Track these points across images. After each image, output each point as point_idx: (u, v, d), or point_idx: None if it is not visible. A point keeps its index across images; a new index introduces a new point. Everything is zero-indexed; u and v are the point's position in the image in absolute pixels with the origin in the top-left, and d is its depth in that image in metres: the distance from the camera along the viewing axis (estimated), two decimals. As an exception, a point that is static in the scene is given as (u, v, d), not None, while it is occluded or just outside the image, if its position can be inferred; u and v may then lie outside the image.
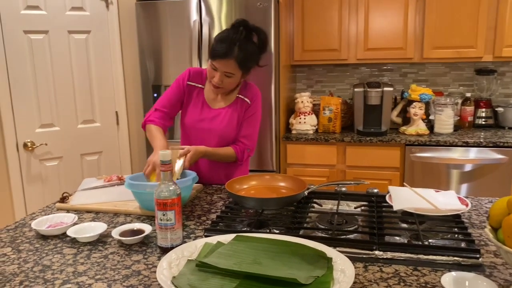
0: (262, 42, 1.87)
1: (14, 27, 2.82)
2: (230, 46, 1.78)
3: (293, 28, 3.38)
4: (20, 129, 2.93)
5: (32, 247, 1.40)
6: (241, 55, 1.79)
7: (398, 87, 3.58)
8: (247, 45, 1.82)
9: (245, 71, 1.88)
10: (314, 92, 3.76)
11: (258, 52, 1.88)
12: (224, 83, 1.86)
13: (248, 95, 2.00)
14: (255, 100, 2.00)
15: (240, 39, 1.79)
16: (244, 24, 1.82)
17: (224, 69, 1.82)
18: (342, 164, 3.21)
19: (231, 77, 1.85)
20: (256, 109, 2.01)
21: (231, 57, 1.79)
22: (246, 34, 1.82)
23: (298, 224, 1.48)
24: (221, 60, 1.80)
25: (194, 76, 2.02)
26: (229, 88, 1.92)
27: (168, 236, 1.33)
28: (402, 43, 3.20)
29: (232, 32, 1.81)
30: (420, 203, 1.53)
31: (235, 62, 1.80)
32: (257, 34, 1.85)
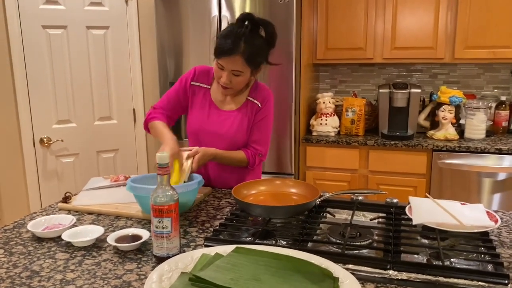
0: (270, 35, 1.74)
1: (32, 22, 2.80)
2: (236, 42, 1.65)
3: (316, 25, 3.25)
4: (37, 125, 2.92)
5: (25, 250, 1.34)
6: (248, 50, 1.67)
7: (427, 89, 3.39)
8: (254, 39, 1.69)
9: (254, 68, 1.75)
10: (338, 92, 3.62)
11: (267, 47, 1.75)
12: (232, 82, 1.74)
13: (258, 98, 1.87)
14: (266, 102, 1.87)
15: (246, 33, 1.67)
16: (249, 18, 1.70)
17: (231, 67, 1.69)
18: (365, 168, 3.05)
19: (239, 75, 1.72)
20: (268, 112, 1.88)
21: (237, 53, 1.66)
22: (252, 27, 1.70)
23: (307, 236, 1.36)
24: (227, 58, 1.68)
25: (200, 76, 1.90)
26: (238, 87, 1.80)
27: (164, 245, 1.24)
28: (432, 42, 3.02)
29: (237, 27, 1.69)
30: (443, 217, 1.39)
31: (242, 58, 1.67)
32: (264, 27, 1.72)
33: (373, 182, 3.03)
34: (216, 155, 1.78)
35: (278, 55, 2.83)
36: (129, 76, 3.19)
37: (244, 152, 1.86)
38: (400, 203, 1.64)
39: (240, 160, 1.86)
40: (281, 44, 2.82)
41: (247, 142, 1.89)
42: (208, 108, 1.88)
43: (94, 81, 3.06)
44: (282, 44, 2.83)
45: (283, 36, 2.82)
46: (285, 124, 2.92)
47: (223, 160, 1.83)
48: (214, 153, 1.77)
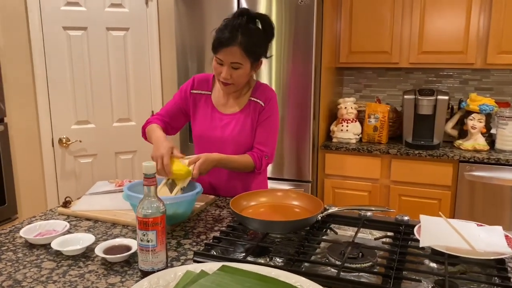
0: (267, 27, 1.70)
1: (54, 23, 2.83)
2: (233, 32, 1.62)
3: (339, 27, 3.13)
4: (56, 125, 2.94)
5: (14, 257, 1.31)
6: (246, 40, 1.62)
7: (457, 95, 3.21)
8: (251, 30, 1.65)
9: (254, 60, 1.69)
10: (362, 97, 3.48)
11: (265, 38, 1.71)
12: (233, 77, 1.68)
13: (261, 97, 1.80)
14: (270, 101, 1.80)
15: (242, 24, 1.63)
16: (245, 12, 1.67)
17: (230, 59, 1.64)
18: (386, 178, 2.91)
19: (239, 68, 1.67)
20: (272, 111, 1.80)
21: (235, 44, 1.62)
22: (248, 19, 1.66)
23: (303, 255, 1.27)
24: (225, 50, 1.63)
25: (199, 84, 1.86)
26: (239, 82, 1.73)
27: (149, 259, 1.18)
28: (463, 47, 2.84)
29: (233, 19, 1.66)
30: (455, 240, 1.27)
31: (240, 48, 1.62)
32: (260, 20, 1.68)
33: (395, 193, 2.88)
34: (220, 160, 1.71)
35: (297, 57, 2.76)
36: (148, 77, 3.17)
37: (250, 155, 1.79)
38: (412, 221, 1.52)
39: (246, 164, 1.78)
40: (300, 46, 2.74)
41: (252, 143, 1.82)
42: (211, 114, 1.83)
43: (113, 82, 3.06)
44: (302, 47, 2.74)
45: (302, 38, 2.73)
46: (304, 130, 2.82)
47: (228, 165, 1.75)
48: (218, 158, 1.70)
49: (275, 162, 2.91)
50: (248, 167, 1.79)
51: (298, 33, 2.73)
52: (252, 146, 1.82)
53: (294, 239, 1.40)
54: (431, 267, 1.25)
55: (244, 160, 1.77)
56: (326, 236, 1.44)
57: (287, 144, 2.87)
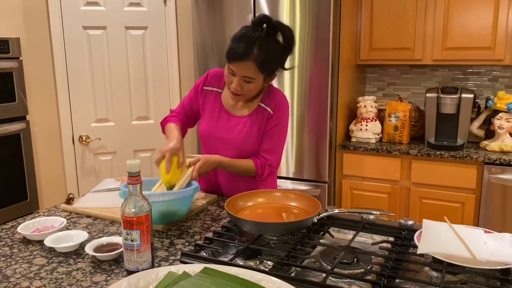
0: (288, 40, 1.59)
1: (74, 23, 2.88)
2: (248, 46, 1.52)
3: (360, 23, 3.03)
4: (76, 123, 3.00)
5: (9, 252, 1.33)
6: (261, 56, 1.54)
7: (486, 94, 3.04)
8: (269, 44, 1.55)
9: (267, 75, 1.62)
10: (386, 95, 3.36)
11: (282, 52, 1.61)
12: (243, 89, 1.62)
13: (270, 104, 1.73)
14: (279, 109, 1.72)
15: (260, 37, 1.53)
16: (266, 21, 1.56)
17: (243, 73, 1.57)
18: (407, 180, 2.80)
19: (251, 82, 1.60)
20: (280, 119, 1.73)
21: (250, 59, 1.53)
22: (268, 31, 1.56)
23: (293, 259, 1.22)
24: (238, 63, 1.56)
25: (212, 80, 1.80)
26: (250, 95, 1.67)
27: (133, 259, 1.16)
28: (490, 42, 2.69)
29: (251, 30, 1.56)
30: (455, 247, 1.18)
31: (254, 64, 1.54)
32: (282, 31, 1.57)
33: (415, 195, 2.76)
34: (220, 163, 1.68)
35: (314, 54, 2.69)
36: (167, 76, 3.18)
37: (253, 161, 1.74)
38: (417, 225, 1.44)
39: (248, 169, 1.74)
40: (317, 44, 2.67)
41: (257, 151, 1.77)
42: (218, 113, 1.78)
43: (132, 81, 3.09)
44: (319, 43, 2.67)
45: (319, 35, 2.66)
46: (322, 129, 2.75)
47: (229, 168, 1.72)
48: (218, 160, 1.67)
49: (292, 162, 2.85)
50: (249, 172, 1.75)
51: (314, 30, 2.66)
52: (255, 152, 1.77)
53: (289, 242, 1.35)
54: (430, 275, 1.17)
55: (245, 165, 1.73)
56: (322, 239, 1.38)
57: (304, 143, 2.80)
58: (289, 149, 2.84)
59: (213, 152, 1.76)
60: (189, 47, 3.19)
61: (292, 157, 2.85)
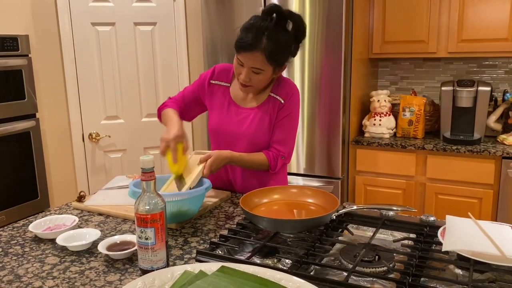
0: (298, 27, 1.55)
1: (82, 19, 2.86)
2: (257, 36, 1.49)
3: (372, 16, 2.97)
4: (86, 120, 2.98)
5: (20, 251, 1.30)
6: (270, 46, 1.50)
7: (502, 87, 2.97)
8: (278, 34, 1.51)
9: (277, 66, 1.58)
10: (399, 90, 3.30)
11: (294, 42, 1.57)
12: (252, 80, 1.58)
13: (281, 94, 1.69)
14: (290, 98, 1.69)
15: (269, 27, 1.50)
16: (276, 10, 1.52)
17: (251, 64, 1.54)
18: (422, 175, 2.74)
19: (259, 73, 1.56)
20: (292, 109, 1.69)
21: (258, 50, 1.50)
22: (278, 21, 1.52)
23: (312, 257, 1.18)
24: (246, 54, 1.53)
25: (219, 74, 1.77)
26: (259, 86, 1.63)
27: (148, 257, 1.13)
28: (508, 34, 2.62)
29: (260, 20, 1.52)
30: (483, 244, 1.13)
31: (263, 55, 1.51)
32: (291, 20, 1.53)
33: (431, 191, 2.71)
34: (232, 158, 1.63)
35: (325, 48, 2.64)
36: (176, 73, 3.15)
37: (265, 154, 1.69)
38: (439, 222, 1.39)
39: (260, 163, 1.69)
40: (329, 38, 2.62)
41: (269, 142, 1.72)
42: (227, 106, 1.74)
43: (142, 77, 3.06)
44: (331, 37, 2.61)
45: (331, 29, 2.60)
46: (334, 124, 2.70)
47: (241, 163, 1.67)
48: (230, 156, 1.62)
49: (304, 158, 2.80)
50: (262, 166, 1.70)
51: (326, 23, 2.61)
52: (267, 144, 1.73)
53: (307, 239, 1.31)
54: (456, 273, 1.12)
55: (258, 158, 1.69)
56: (341, 236, 1.34)
57: (316, 139, 2.76)
58: (300, 144, 2.79)
59: (224, 147, 1.72)
60: (198, 43, 3.15)
61: (303, 153, 2.80)
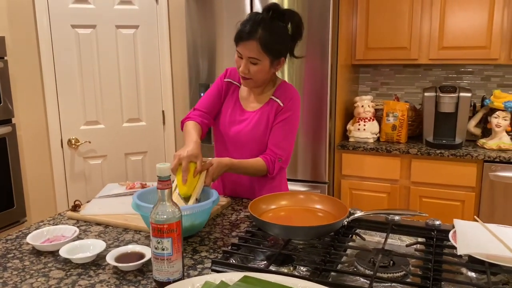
0: (296, 26, 1.62)
1: (62, 21, 2.76)
2: (253, 27, 1.56)
3: (356, 23, 3.02)
4: (65, 126, 2.88)
5: (20, 265, 1.23)
6: (265, 36, 1.56)
7: (479, 93, 3.09)
8: (273, 25, 1.58)
9: (272, 57, 1.61)
10: (379, 95, 3.37)
11: (290, 37, 1.64)
12: (251, 72, 1.62)
13: (281, 97, 1.72)
14: (289, 102, 1.71)
15: (265, 19, 1.57)
16: (274, 7, 1.60)
17: (248, 53, 1.59)
18: (406, 179, 2.80)
19: (257, 63, 1.60)
20: (290, 112, 1.71)
21: (254, 39, 1.56)
22: (275, 16, 1.59)
23: (330, 264, 1.17)
24: (243, 43, 1.58)
25: (232, 74, 1.82)
26: (258, 78, 1.65)
27: (164, 268, 1.09)
28: (486, 42, 2.72)
29: (257, 14, 1.60)
30: (495, 247, 1.16)
31: (258, 44, 1.56)
32: (289, 17, 1.61)
33: (415, 194, 2.77)
34: (231, 165, 1.62)
35: (313, 53, 2.66)
36: (159, 77, 3.09)
37: (262, 158, 1.69)
38: (443, 225, 1.42)
39: (259, 168, 1.69)
40: (316, 43, 2.64)
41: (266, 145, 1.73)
42: (233, 106, 1.78)
43: (123, 81, 2.99)
44: (318, 42, 2.64)
45: (319, 34, 2.63)
46: (320, 129, 2.72)
47: (240, 170, 1.66)
48: (229, 163, 1.61)
49: (291, 163, 2.80)
50: (260, 172, 1.70)
51: (313, 29, 2.63)
52: (264, 146, 1.73)
53: (317, 246, 1.31)
54: (469, 276, 1.15)
55: (256, 164, 1.68)
56: (353, 242, 1.34)
57: (302, 144, 2.77)
58: (287, 150, 2.79)
59: (231, 148, 1.77)
60: (181, 47, 3.11)
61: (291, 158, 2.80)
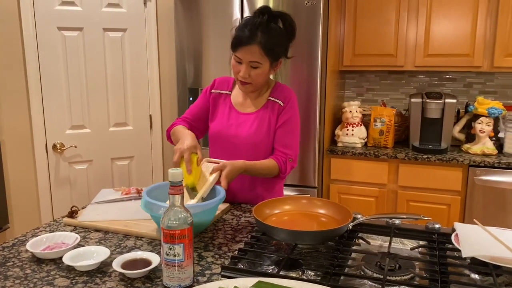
0: (289, 26, 1.65)
1: (48, 23, 2.70)
2: (252, 31, 1.57)
3: (343, 29, 3.07)
4: (50, 130, 2.81)
5: (21, 274, 1.19)
6: (265, 39, 1.57)
7: (461, 99, 3.17)
8: (271, 28, 1.60)
9: (273, 59, 1.64)
10: (365, 101, 3.42)
11: (286, 38, 1.66)
12: (251, 76, 1.63)
13: (280, 97, 1.74)
14: (289, 101, 1.74)
15: (263, 22, 1.59)
16: (266, 10, 1.62)
17: (249, 58, 1.60)
18: (394, 183, 2.85)
19: (258, 67, 1.62)
20: (292, 112, 1.74)
21: (255, 43, 1.57)
22: (269, 19, 1.61)
23: (339, 267, 1.18)
24: (244, 48, 1.59)
25: (220, 84, 1.83)
26: (258, 82, 1.67)
27: (175, 275, 1.08)
28: (469, 50, 2.81)
29: (253, 18, 1.61)
30: (497, 249, 1.20)
31: (259, 47, 1.58)
32: (281, 19, 1.64)
33: (402, 198, 2.82)
34: (245, 167, 1.62)
35: (303, 59, 2.68)
36: (146, 81, 3.06)
37: (274, 159, 1.71)
38: (443, 228, 1.45)
39: (271, 169, 1.70)
40: (306, 49, 2.67)
41: (273, 147, 1.75)
42: (228, 112, 1.78)
43: (110, 85, 2.94)
44: (308, 49, 2.67)
45: (308, 40, 2.66)
46: (309, 134, 2.75)
47: (254, 172, 1.66)
48: (244, 166, 1.61)
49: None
50: (273, 172, 1.71)
51: (303, 35, 2.65)
52: (269, 147, 1.75)
53: (322, 250, 1.32)
54: (473, 278, 1.18)
55: (269, 165, 1.70)
56: (358, 246, 1.36)
57: (292, 148, 2.78)
58: (276, 154, 2.81)
59: (223, 151, 1.75)
60: (170, 50, 3.08)
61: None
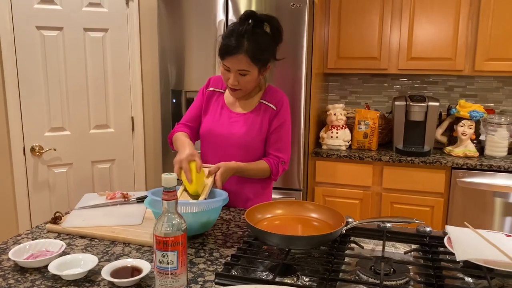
0: (275, 30, 1.64)
1: (26, 22, 2.62)
2: (238, 40, 1.56)
3: (327, 32, 3.07)
4: (28, 132, 2.72)
5: (4, 284, 1.14)
6: (252, 47, 1.56)
7: (442, 102, 3.22)
8: (257, 35, 1.59)
9: (261, 66, 1.63)
10: (348, 104, 3.44)
11: (273, 42, 1.65)
12: (240, 83, 1.63)
13: (272, 101, 1.75)
14: (282, 106, 1.74)
15: (248, 30, 1.57)
16: (252, 15, 1.61)
17: (237, 66, 1.59)
18: (378, 186, 2.87)
19: (246, 75, 1.61)
20: (285, 117, 1.75)
21: (241, 52, 1.56)
22: (255, 25, 1.60)
23: (334, 273, 1.17)
24: (231, 58, 1.58)
25: (215, 82, 1.83)
26: (247, 88, 1.67)
27: (169, 283, 1.04)
28: (451, 53, 2.85)
29: (239, 25, 1.59)
30: (490, 252, 1.20)
31: (246, 56, 1.57)
32: (268, 23, 1.63)
33: (387, 200, 2.84)
34: (238, 168, 1.64)
35: (289, 62, 2.67)
36: (128, 82, 3.00)
37: (266, 162, 1.73)
38: (434, 232, 1.45)
39: (263, 171, 1.72)
40: (291, 51, 2.66)
41: (266, 151, 1.76)
42: (220, 111, 1.77)
43: (91, 86, 2.87)
44: (293, 51, 2.66)
45: (293, 43, 2.65)
46: (294, 136, 2.73)
47: (246, 172, 1.69)
48: (236, 166, 1.63)
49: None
50: (265, 174, 1.74)
51: (289, 37, 2.64)
52: (259, 149, 1.75)
53: (315, 255, 1.30)
54: (467, 282, 1.18)
55: (261, 167, 1.72)
56: (351, 250, 1.35)
57: (277, 151, 2.77)
58: (261, 157, 2.79)
59: (215, 150, 1.76)
60: (152, 52, 3.03)
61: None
